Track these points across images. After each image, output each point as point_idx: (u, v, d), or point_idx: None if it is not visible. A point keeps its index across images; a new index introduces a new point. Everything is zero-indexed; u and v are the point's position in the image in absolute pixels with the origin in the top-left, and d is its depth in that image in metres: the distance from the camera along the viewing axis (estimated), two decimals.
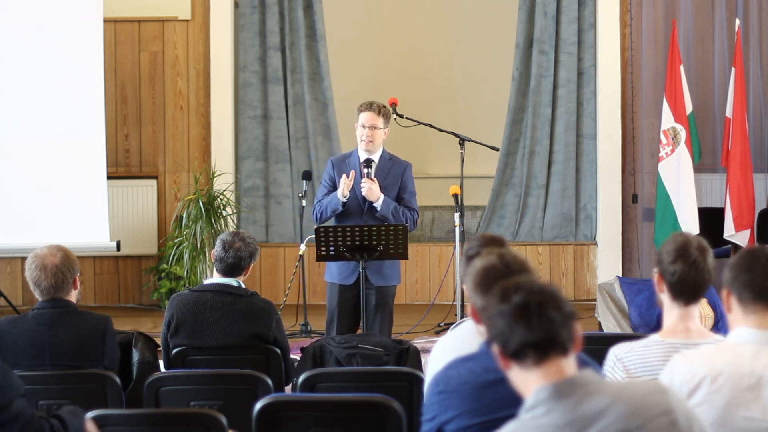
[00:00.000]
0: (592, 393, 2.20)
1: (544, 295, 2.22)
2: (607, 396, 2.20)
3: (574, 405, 2.17)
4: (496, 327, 2.22)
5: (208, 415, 3.25)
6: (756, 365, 2.70)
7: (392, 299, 5.83)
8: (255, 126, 8.64)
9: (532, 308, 2.19)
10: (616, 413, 2.18)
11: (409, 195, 5.83)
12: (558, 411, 2.16)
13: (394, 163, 5.83)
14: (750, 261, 2.81)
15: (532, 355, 2.19)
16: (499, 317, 2.22)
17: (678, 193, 7.59)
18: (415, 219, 5.81)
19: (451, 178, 7.16)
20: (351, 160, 5.83)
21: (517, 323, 2.19)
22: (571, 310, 2.23)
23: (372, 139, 5.72)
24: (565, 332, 2.20)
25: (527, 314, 2.19)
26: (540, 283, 2.26)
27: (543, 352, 2.19)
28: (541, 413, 2.17)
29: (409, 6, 10.00)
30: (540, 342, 2.19)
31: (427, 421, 2.70)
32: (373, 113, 5.72)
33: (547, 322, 2.19)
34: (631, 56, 8.45)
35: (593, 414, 2.17)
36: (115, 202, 8.26)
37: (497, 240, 3.40)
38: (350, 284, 5.70)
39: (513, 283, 2.25)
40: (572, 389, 2.18)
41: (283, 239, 8.60)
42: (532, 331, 2.18)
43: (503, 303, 2.22)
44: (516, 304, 2.20)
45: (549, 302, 2.21)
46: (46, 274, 3.89)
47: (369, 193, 5.65)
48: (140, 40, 8.48)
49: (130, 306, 8.47)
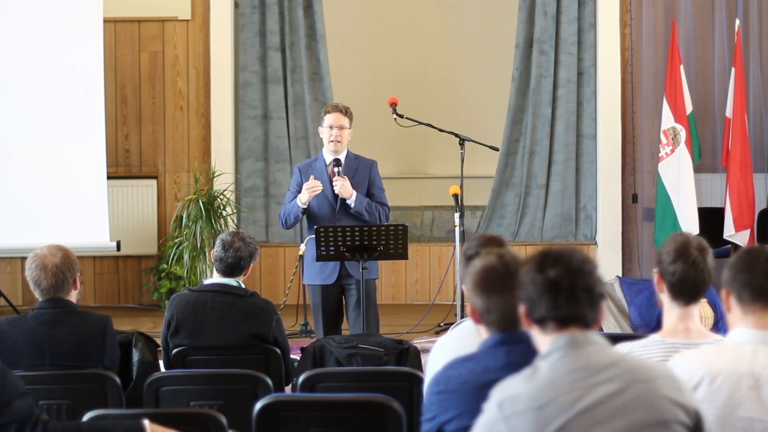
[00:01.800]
0: (605, 350, 2.32)
1: (578, 275, 2.30)
2: (617, 354, 2.34)
3: (587, 354, 2.29)
4: (526, 291, 2.33)
5: (208, 415, 3.25)
6: (755, 365, 2.70)
7: (374, 292, 5.88)
8: (255, 126, 8.64)
9: (563, 286, 2.29)
10: (624, 366, 2.30)
11: (378, 191, 5.89)
12: (571, 357, 2.29)
13: (360, 162, 5.91)
14: (749, 261, 2.81)
15: (553, 325, 2.32)
16: (531, 284, 2.32)
17: (678, 193, 7.59)
18: (387, 213, 5.89)
19: (451, 178, 7.16)
20: (317, 164, 5.89)
21: (546, 297, 2.30)
22: (601, 291, 2.32)
23: (340, 138, 5.80)
24: (589, 313, 2.31)
25: (556, 291, 2.29)
26: (579, 260, 2.32)
27: (564, 324, 2.31)
28: (556, 358, 2.29)
29: (409, 6, 10.00)
30: (562, 318, 2.30)
31: (427, 421, 2.70)
32: (340, 114, 5.82)
33: (574, 302, 2.29)
34: (631, 56, 8.45)
35: (603, 365, 2.29)
36: (115, 202, 8.26)
37: (497, 240, 3.40)
38: (332, 283, 5.75)
39: (554, 254, 2.32)
40: (587, 342, 2.31)
41: (283, 239, 8.60)
42: (557, 307, 2.29)
43: (538, 273, 2.31)
44: (549, 279, 2.29)
45: (581, 282, 2.30)
46: (46, 273, 3.89)
47: (342, 190, 5.71)
48: (140, 40, 8.48)
49: (130, 306, 8.47)
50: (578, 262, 2.31)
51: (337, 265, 5.72)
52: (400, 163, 9.78)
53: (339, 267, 5.73)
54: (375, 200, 5.84)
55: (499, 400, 2.27)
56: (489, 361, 2.66)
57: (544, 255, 2.33)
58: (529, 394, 2.24)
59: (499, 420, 2.25)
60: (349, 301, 5.77)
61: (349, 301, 5.78)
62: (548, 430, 2.21)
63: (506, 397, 2.26)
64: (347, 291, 5.78)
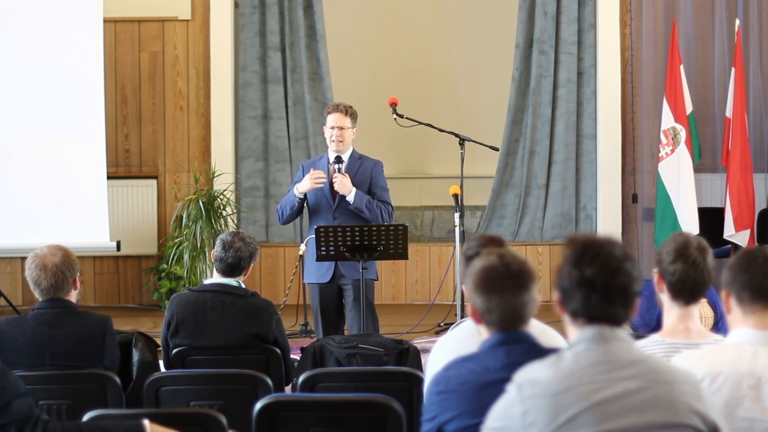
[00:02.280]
0: (631, 348, 2.33)
1: (615, 275, 2.29)
2: (642, 353, 2.35)
3: (612, 349, 2.30)
4: (562, 281, 2.33)
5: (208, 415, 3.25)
6: (755, 365, 2.70)
7: (372, 294, 5.85)
8: (255, 126, 8.64)
9: (598, 286, 2.29)
10: (648, 366, 2.31)
11: (380, 190, 5.86)
12: (596, 350, 2.30)
13: (364, 161, 5.89)
14: (748, 261, 2.81)
15: (583, 319, 2.33)
16: (566, 277, 2.32)
17: (678, 193, 7.59)
18: (390, 212, 5.85)
19: (451, 178, 7.16)
20: (321, 162, 5.89)
21: (579, 293, 2.30)
22: (636, 291, 2.32)
23: (341, 138, 5.79)
24: (622, 312, 2.32)
25: (591, 290, 2.29)
26: (618, 257, 2.31)
27: (593, 321, 2.32)
28: (581, 349, 2.31)
29: (409, 6, 10.00)
30: (593, 316, 2.31)
31: (427, 421, 2.70)
32: (341, 114, 5.80)
33: (607, 303, 2.30)
34: (631, 56, 8.45)
35: (627, 361, 2.29)
36: (115, 202, 8.26)
37: (497, 240, 3.40)
38: (327, 281, 5.75)
39: (594, 250, 2.31)
40: (614, 337, 2.31)
41: (283, 239, 8.60)
42: (589, 306, 2.30)
43: (575, 268, 2.31)
44: (585, 277, 2.29)
45: (617, 283, 2.30)
46: (46, 273, 3.89)
47: (341, 187, 5.70)
48: (140, 40, 8.48)
49: (130, 306, 8.47)
50: (617, 261, 2.31)
51: (332, 265, 5.72)
52: (401, 163, 9.78)
53: (334, 266, 5.73)
54: (377, 199, 5.82)
55: (520, 381, 2.29)
56: (489, 361, 2.66)
57: (584, 249, 2.32)
58: (549, 379, 2.26)
59: (516, 401, 2.27)
60: (346, 302, 5.78)
61: (346, 301, 5.79)
62: (562, 417, 2.23)
63: (526, 380, 2.29)
64: (344, 291, 5.78)
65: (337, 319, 5.84)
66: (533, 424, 2.24)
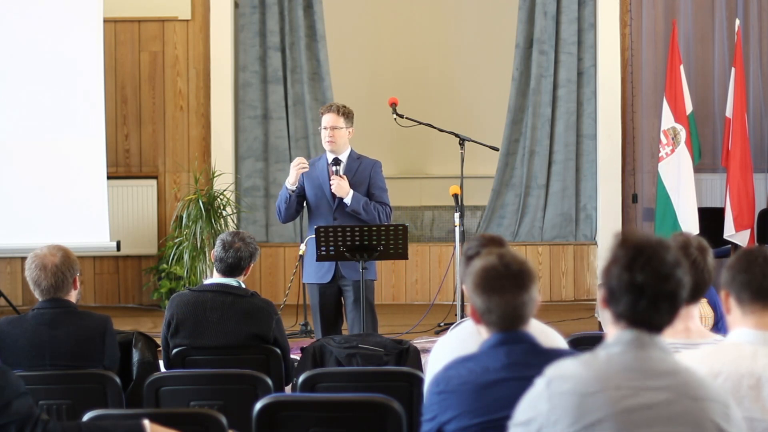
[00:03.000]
0: (667, 357, 2.30)
1: (665, 282, 2.26)
2: (677, 365, 2.30)
3: (647, 357, 2.27)
4: (610, 281, 2.29)
5: (208, 415, 3.25)
6: (755, 365, 2.70)
7: (372, 294, 5.85)
8: (255, 126, 8.64)
9: (647, 293, 2.26)
10: (681, 379, 2.27)
11: (378, 191, 5.84)
12: (630, 355, 2.27)
13: (363, 161, 5.87)
14: (748, 261, 2.81)
15: (625, 323, 2.29)
16: (615, 278, 2.28)
17: (678, 193, 7.59)
18: (388, 213, 5.82)
19: (451, 178, 7.16)
20: (320, 163, 5.88)
21: (627, 297, 2.27)
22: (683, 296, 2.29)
23: (334, 139, 5.77)
24: (665, 320, 2.29)
25: (638, 296, 2.26)
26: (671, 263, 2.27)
27: (636, 325, 2.29)
28: (617, 351, 2.28)
29: (409, 6, 10.00)
30: (637, 321, 2.28)
31: (427, 421, 2.70)
32: (334, 114, 5.78)
33: (653, 310, 2.27)
34: (631, 56, 8.45)
35: (660, 371, 2.26)
36: (115, 202, 8.26)
37: (497, 240, 3.40)
38: (327, 282, 5.74)
39: (647, 255, 2.27)
40: (652, 344, 2.28)
41: (283, 239, 8.60)
42: (635, 311, 2.27)
43: (625, 270, 2.27)
44: (635, 281, 2.26)
45: (666, 290, 2.26)
46: (46, 273, 3.89)
47: (338, 189, 5.69)
48: (140, 40, 8.48)
49: (130, 306, 8.47)
50: (669, 267, 2.26)
51: (333, 265, 5.71)
52: (401, 163, 9.78)
53: (334, 267, 5.72)
54: (375, 200, 5.80)
55: (550, 376, 2.27)
56: (489, 361, 2.66)
57: (637, 252, 2.27)
58: (580, 378, 2.24)
59: (544, 396, 2.26)
60: (346, 302, 5.78)
61: (346, 302, 5.78)
62: (586, 419, 2.21)
63: (557, 375, 2.26)
64: (344, 292, 5.78)
65: (336, 319, 5.84)
66: (557, 421, 2.22)
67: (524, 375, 2.63)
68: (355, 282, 5.64)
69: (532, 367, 2.64)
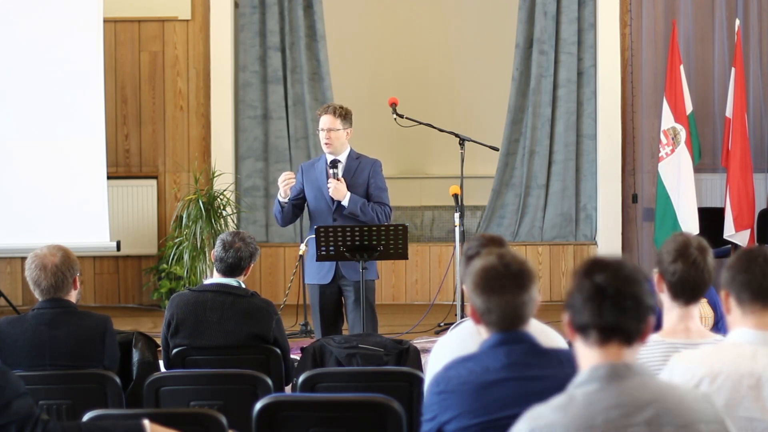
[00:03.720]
0: (646, 383, 2.21)
1: (626, 283, 2.20)
2: (659, 389, 2.21)
3: (627, 389, 2.18)
4: (572, 297, 2.23)
5: (208, 415, 3.25)
6: (755, 365, 2.70)
7: (372, 294, 5.84)
8: (255, 126, 8.64)
9: (609, 293, 2.19)
10: (665, 406, 2.18)
11: (378, 191, 5.81)
12: (610, 391, 2.17)
13: (362, 161, 5.84)
14: (747, 261, 2.81)
15: (595, 336, 2.21)
16: (576, 290, 2.22)
17: (678, 193, 7.59)
18: (388, 213, 5.80)
19: (451, 178, 7.16)
20: (319, 163, 5.87)
21: (590, 303, 2.20)
22: (649, 304, 2.22)
23: (330, 141, 5.75)
24: (633, 324, 2.21)
25: (601, 298, 2.19)
26: (630, 268, 2.23)
27: (606, 336, 2.20)
28: (594, 389, 2.18)
29: (409, 6, 10.00)
30: (605, 327, 2.20)
31: (427, 421, 2.70)
32: (330, 116, 5.75)
33: (619, 312, 2.19)
34: (631, 56, 8.45)
35: (644, 402, 2.17)
36: (115, 202, 8.26)
37: (497, 240, 3.40)
38: (328, 282, 5.73)
39: (604, 261, 2.24)
40: (628, 373, 2.19)
41: (283, 239, 8.60)
42: (600, 315, 2.19)
43: (585, 278, 2.22)
44: (595, 284, 2.20)
45: (628, 291, 2.20)
46: (46, 273, 3.89)
47: (335, 192, 5.68)
48: (140, 40, 8.48)
49: (130, 306, 8.47)
50: (629, 270, 2.22)
51: (333, 265, 5.70)
52: (400, 163, 9.78)
53: (335, 267, 5.72)
54: (374, 200, 5.78)
55: (531, 428, 2.16)
56: (489, 361, 2.66)
57: (594, 260, 2.24)
58: (562, 425, 2.14)
59: None
60: (347, 303, 5.77)
61: (346, 302, 5.78)
62: None
63: (538, 426, 2.15)
64: (345, 292, 5.77)
65: (336, 319, 5.83)
66: None
67: (524, 375, 2.64)
68: (356, 282, 5.63)
69: (532, 367, 2.65)
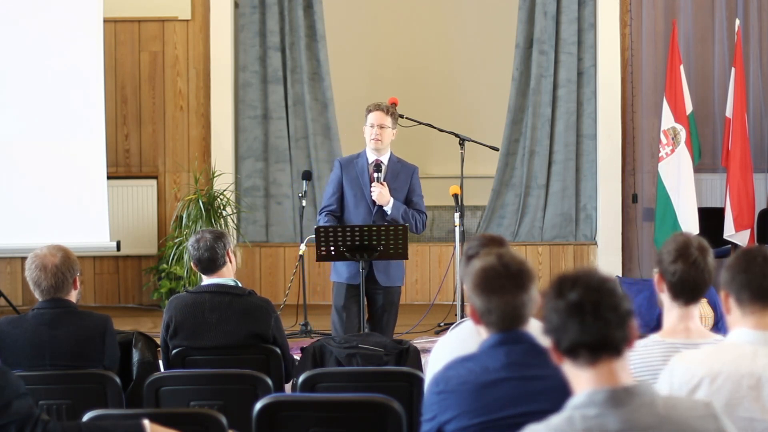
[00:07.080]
0: (647, 405, 2.15)
1: (601, 294, 2.16)
2: (660, 411, 2.16)
3: (627, 414, 2.12)
4: (550, 322, 2.18)
5: (208, 415, 3.25)
6: (755, 365, 2.70)
7: (398, 299, 5.92)
8: (255, 126, 8.64)
9: (587, 307, 2.14)
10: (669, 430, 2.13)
11: (417, 198, 5.93)
12: (611, 417, 2.12)
13: (403, 166, 5.93)
14: (747, 261, 2.80)
15: (584, 355, 2.15)
16: (553, 312, 2.17)
17: (678, 193, 7.59)
18: (425, 221, 5.93)
19: (451, 178, 7.16)
20: (359, 161, 5.88)
21: (571, 321, 2.15)
22: (627, 308, 2.18)
23: (380, 137, 5.80)
24: (619, 333, 2.16)
25: (581, 313, 2.14)
26: (598, 278, 2.19)
27: (595, 352, 2.15)
28: (593, 415, 2.13)
29: (409, 6, 10.00)
30: (593, 343, 2.15)
31: (427, 421, 2.70)
32: (382, 112, 5.81)
33: (602, 323, 2.14)
34: (631, 56, 8.45)
35: (645, 426, 2.12)
36: (115, 202, 8.26)
37: (497, 240, 3.40)
38: (358, 284, 5.71)
39: (571, 277, 2.19)
40: (628, 398, 2.14)
41: (283, 239, 8.60)
42: (585, 331, 2.14)
43: (558, 298, 2.17)
44: (571, 302, 2.15)
45: (605, 301, 2.15)
46: (46, 274, 3.90)
47: (379, 198, 5.72)
48: (140, 40, 8.48)
49: (130, 306, 8.46)
50: (597, 281, 2.18)
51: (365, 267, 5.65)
52: None
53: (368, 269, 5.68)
54: (414, 207, 5.87)
55: None
56: (489, 361, 2.66)
57: (561, 279, 2.19)
58: None
59: None
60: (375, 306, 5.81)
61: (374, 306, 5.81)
62: None
63: None
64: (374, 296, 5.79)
65: (358, 320, 5.82)
66: None
67: (524, 375, 2.64)
68: (386, 288, 5.69)
69: (531, 367, 2.65)
